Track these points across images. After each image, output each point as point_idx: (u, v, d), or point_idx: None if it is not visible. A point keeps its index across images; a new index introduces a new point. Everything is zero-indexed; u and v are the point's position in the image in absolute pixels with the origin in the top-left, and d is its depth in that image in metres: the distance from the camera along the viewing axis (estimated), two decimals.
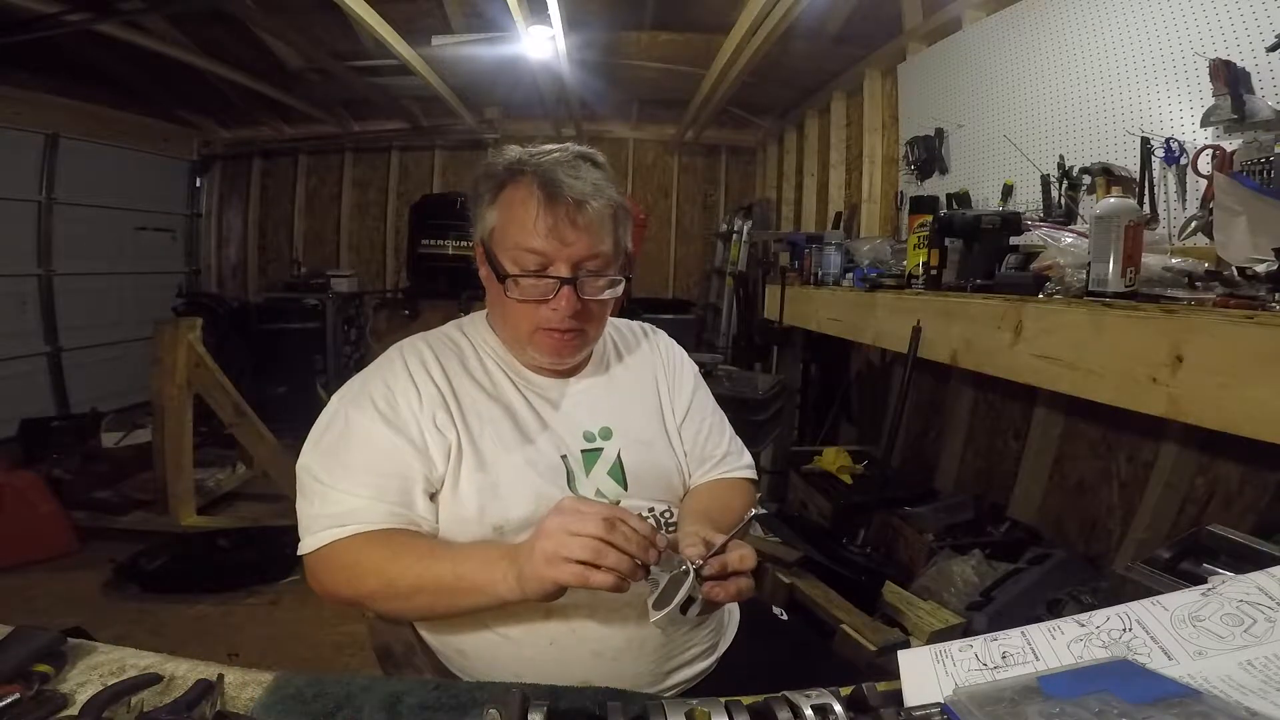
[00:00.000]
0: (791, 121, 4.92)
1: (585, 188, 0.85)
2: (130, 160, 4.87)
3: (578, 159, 0.89)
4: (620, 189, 0.91)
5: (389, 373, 0.89)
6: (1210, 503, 1.83)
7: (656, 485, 0.95)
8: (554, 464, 0.89)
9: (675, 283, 5.98)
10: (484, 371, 0.94)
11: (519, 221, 0.85)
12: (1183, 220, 1.69)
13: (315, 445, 0.85)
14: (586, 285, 0.87)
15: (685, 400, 1.04)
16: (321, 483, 0.82)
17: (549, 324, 0.88)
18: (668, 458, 0.98)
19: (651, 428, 0.99)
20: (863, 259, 2.56)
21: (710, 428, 1.05)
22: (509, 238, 0.86)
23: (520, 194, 0.86)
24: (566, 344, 0.90)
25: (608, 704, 0.60)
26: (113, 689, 0.61)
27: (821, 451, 2.89)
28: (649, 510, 0.93)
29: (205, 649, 2.08)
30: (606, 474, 0.92)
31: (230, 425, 3.08)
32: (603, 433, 0.94)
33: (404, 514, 0.82)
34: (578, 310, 0.87)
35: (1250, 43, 1.57)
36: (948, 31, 2.84)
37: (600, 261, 0.88)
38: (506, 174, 0.88)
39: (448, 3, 3.57)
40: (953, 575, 1.95)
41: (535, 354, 0.92)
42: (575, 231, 0.84)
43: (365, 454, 0.83)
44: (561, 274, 0.85)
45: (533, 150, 0.90)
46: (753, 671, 0.93)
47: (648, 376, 1.04)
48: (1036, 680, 0.55)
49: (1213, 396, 1.09)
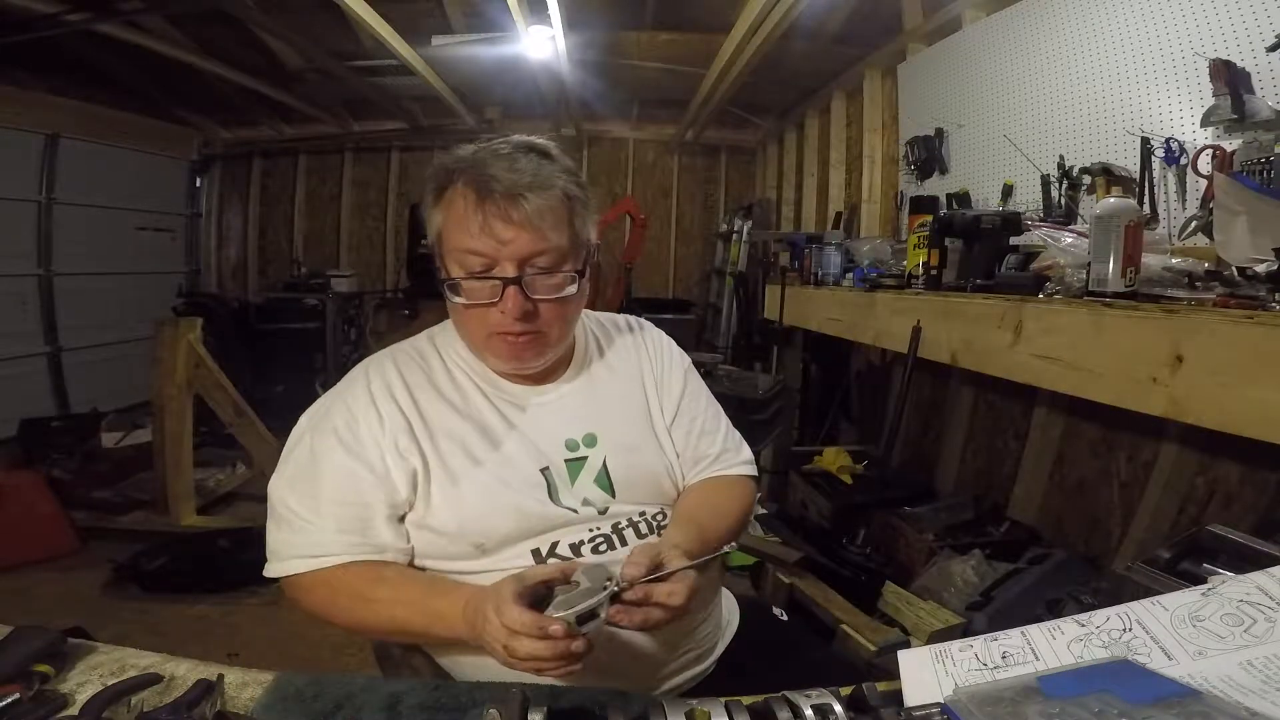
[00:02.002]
0: (791, 121, 4.92)
1: (521, 179, 0.79)
2: (130, 160, 4.87)
3: (517, 151, 0.82)
4: (577, 177, 0.85)
5: (351, 396, 0.86)
6: (1210, 503, 1.83)
7: (646, 489, 0.92)
8: (530, 477, 0.85)
9: (675, 283, 5.98)
10: (453, 385, 0.90)
11: (457, 223, 0.81)
12: (1183, 220, 1.70)
13: (283, 470, 0.85)
14: (537, 284, 0.81)
15: (675, 398, 0.99)
16: (289, 509, 0.82)
17: (500, 328, 0.82)
18: (657, 461, 0.94)
19: (638, 430, 0.95)
20: (863, 259, 2.56)
21: (703, 425, 1.00)
22: (450, 240, 0.82)
23: (458, 193, 0.81)
24: (524, 348, 0.85)
25: (608, 704, 0.60)
26: (113, 689, 0.61)
27: (821, 451, 2.89)
28: (640, 514, 0.90)
29: (205, 649, 2.08)
30: (593, 482, 0.88)
31: (230, 425, 3.08)
32: (587, 439, 0.90)
33: (365, 544, 0.81)
34: (528, 312, 0.81)
35: (1250, 43, 1.57)
36: (948, 31, 2.84)
37: (550, 258, 0.81)
38: (445, 175, 0.83)
39: (448, 3, 3.57)
40: (953, 575, 1.95)
41: (493, 360, 0.88)
42: (511, 227, 0.78)
43: (328, 483, 0.81)
44: (506, 274, 0.80)
45: (475, 147, 0.84)
46: (753, 671, 0.93)
47: (633, 376, 0.99)
48: (1036, 680, 0.55)
49: (1213, 396, 1.08)
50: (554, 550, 0.84)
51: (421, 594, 0.79)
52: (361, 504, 0.81)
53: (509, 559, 0.82)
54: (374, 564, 0.81)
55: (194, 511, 2.99)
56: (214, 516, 3.05)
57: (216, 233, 5.84)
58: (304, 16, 3.52)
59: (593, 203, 0.88)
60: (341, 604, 0.80)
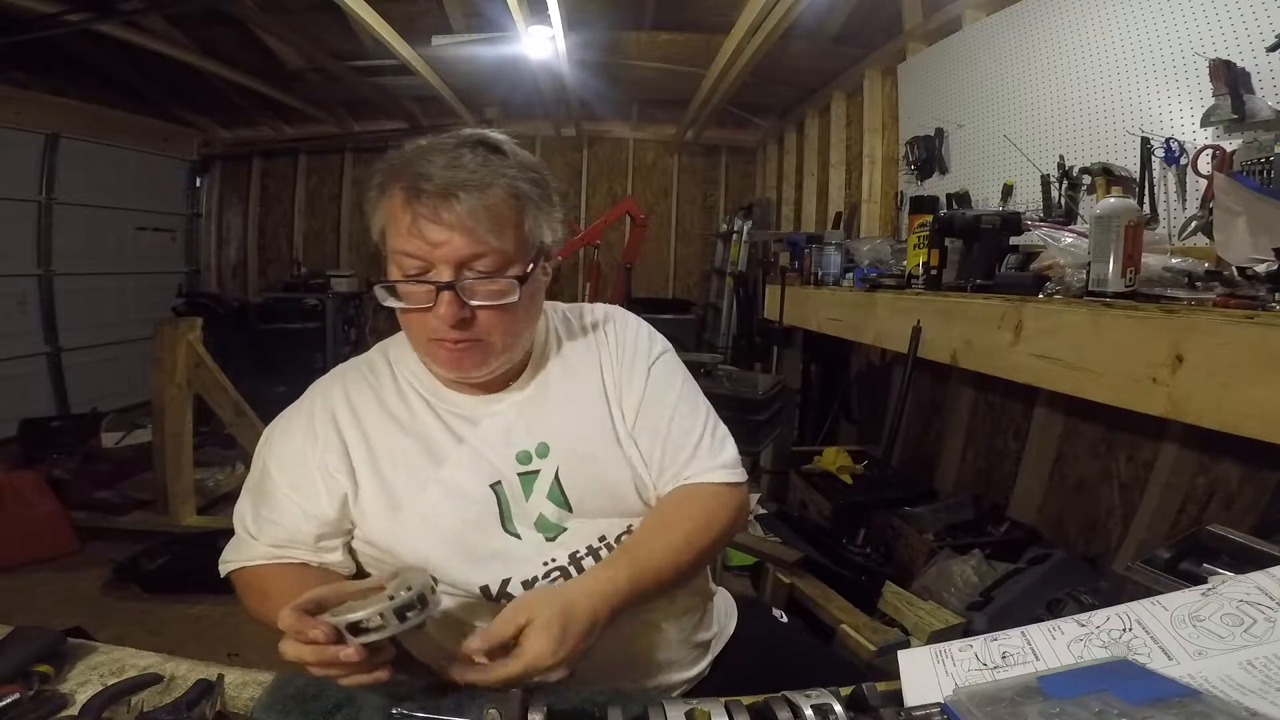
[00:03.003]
0: (791, 121, 4.92)
1: (456, 176, 0.72)
2: (130, 160, 4.87)
3: (461, 146, 0.75)
4: (534, 173, 0.78)
5: (296, 417, 0.86)
6: (1210, 503, 1.83)
7: (605, 502, 0.84)
8: (477, 494, 0.81)
9: (675, 283, 5.98)
10: (400, 401, 0.86)
11: (392, 223, 0.76)
12: (1183, 220, 1.69)
13: (245, 483, 0.88)
14: (476, 290, 0.75)
15: (635, 399, 0.88)
16: (240, 520, 0.85)
17: (437, 334, 0.77)
18: (617, 470, 0.85)
19: (593, 437, 0.86)
20: (863, 259, 2.56)
21: (670, 426, 0.87)
22: (388, 241, 0.77)
23: (396, 191, 0.75)
24: (463, 356, 0.78)
25: (608, 704, 0.60)
26: (113, 689, 0.61)
27: (821, 451, 2.89)
28: (600, 539, 0.83)
29: (205, 649, 2.08)
30: (546, 497, 0.82)
31: (230, 425, 3.08)
32: (539, 450, 0.83)
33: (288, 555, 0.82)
34: (464, 319, 0.75)
35: (1250, 43, 1.57)
36: (948, 31, 2.84)
37: (490, 261, 0.74)
38: (386, 171, 0.77)
39: (448, 3, 3.57)
40: (953, 575, 1.95)
41: (436, 367, 0.83)
42: (442, 229, 0.72)
43: (267, 502, 0.83)
44: (440, 278, 0.74)
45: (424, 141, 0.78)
46: (753, 671, 0.93)
47: (591, 376, 0.89)
48: (1036, 680, 0.55)
49: (1213, 396, 1.08)
50: (505, 589, 0.79)
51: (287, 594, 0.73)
52: (289, 525, 0.81)
53: (458, 595, 0.80)
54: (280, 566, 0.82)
55: (194, 511, 2.99)
56: (214, 516, 3.05)
57: (216, 233, 5.84)
58: (304, 16, 3.53)
59: (555, 199, 0.81)
60: (250, 602, 0.82)
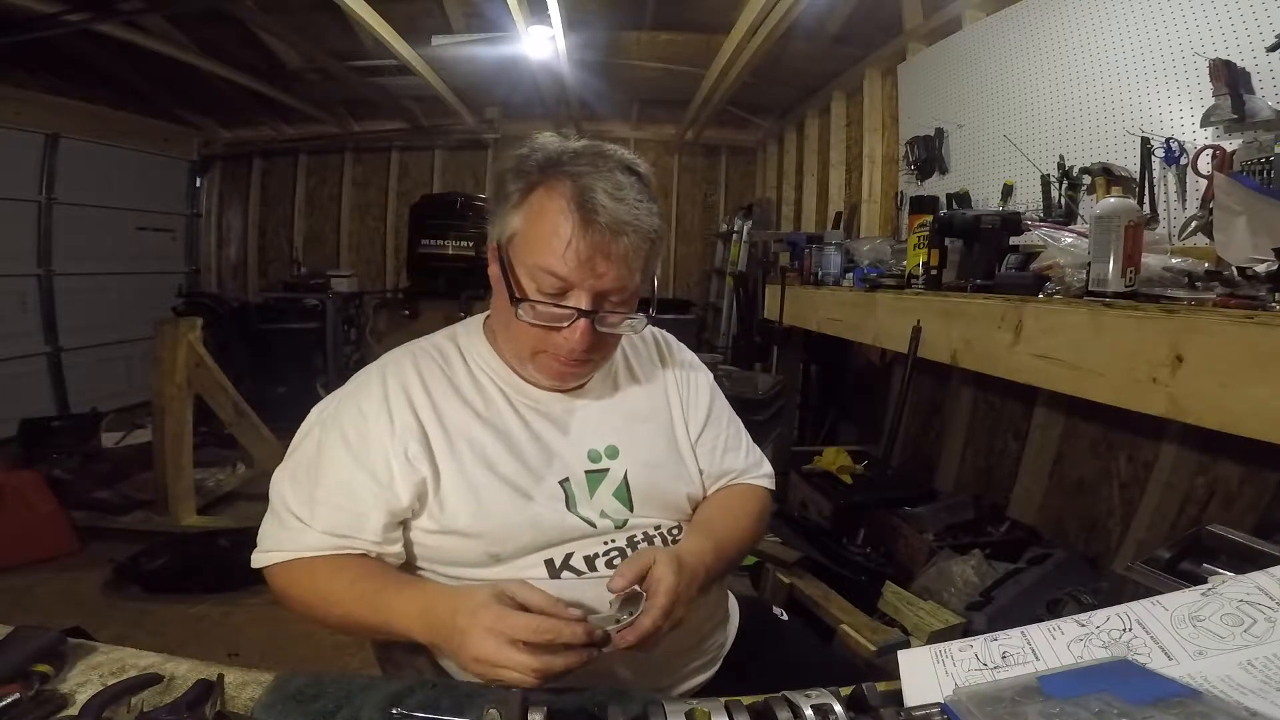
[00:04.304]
0: (791, 121, 4.92)
1: (626, 214, 0.75)
2: (130, 160, 4.87)
3: (621, 170, 0.77)
4: (657, 205, 0.80)
5: (365, 398, 0.83)
6: (1210, 503, 1.83)
7: (665, 506, 0.90)
8: (550, 488, 0.83)
9: (675, 283, 5.97)
10: (476, 390, 0.86)
11: (545, 239, 0.75)
12: (1183, 220, 1.70)
13: (287, 463, 0.84)
14: (608, 319, 0.79)
15: (701, 416, 0.97)
16: (285, 505, 0.81)
17: (556, 351, 0.80)
18: (679, 479, 0.92)
19: (661, 447, 0.92)
20: (863, 259, 2.56)
21: (727, 442, 0.98)
22: (532, 254, 0.77)
23: (553, 205, 0.75)
24: (570, 371, 0.84)
25: (608, 704, 0.60)
26: (113, 689, 0.61)
27: (821, 451, 2.88)
28: (655, 527, 0.88)
29: (205, 649, 2.08)
30: (612, 495, 0.86)
31: (230, 425, 3.08)
32: (609, 451, 0.88)
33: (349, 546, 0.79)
34: (593, 344, 0.80)
35: (1250, 43, 1.57)
36: (948, 31, 2.84)
37: (626, 295, 0.79)
38: (539, 175, 0.77)
39: (448, 3, 3.57)
40: (953, 575, 1.95)
41: (535, 375, 0.86)
42: (607, 263, 0.75)
43: (326, 485, 0.80)
44: (581, 305, 0.77)
45: (570, 149, 0.79)
46: (753, 671, 0.93)
47: (659, 391, 0.97)
48: (1036, 680, 0.55)
49: (1213, 396, 1.09)
50: (568, 562, 0.82)
51: (375, 589, 0.76)
52: (357, 512, 0.78)
53: (522, 568, 0.81)
54: (337, 557, 0.79)
55: (194, 511, 2.99)
56: (214, 516, 3.05)
57: (216, 233, 5.84)
58: (304, 16, 3.53)
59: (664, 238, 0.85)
60: (298, 595, 0.80)
